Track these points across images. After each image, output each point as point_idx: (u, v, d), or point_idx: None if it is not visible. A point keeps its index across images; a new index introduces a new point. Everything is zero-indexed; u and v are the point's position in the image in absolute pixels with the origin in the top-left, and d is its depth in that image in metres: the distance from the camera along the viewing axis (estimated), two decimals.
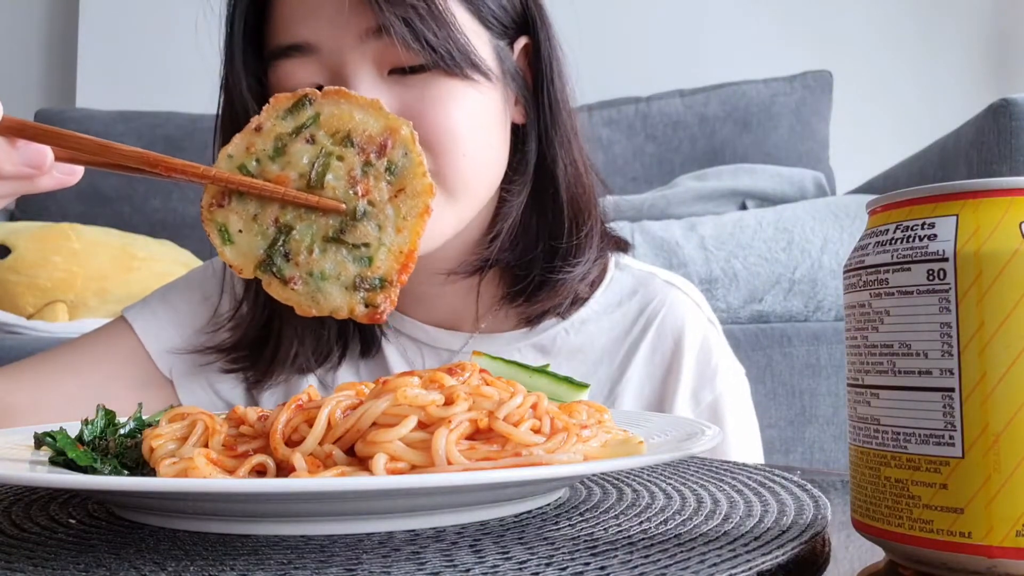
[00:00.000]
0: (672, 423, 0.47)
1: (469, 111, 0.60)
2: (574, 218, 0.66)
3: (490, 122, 0.62)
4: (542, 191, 0.66)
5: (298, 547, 0.31)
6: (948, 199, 0.29)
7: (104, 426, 0.43)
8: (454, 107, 0.59)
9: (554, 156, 0.66)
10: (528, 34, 0.66)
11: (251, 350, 0.68)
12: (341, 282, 0.41)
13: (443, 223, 0.60)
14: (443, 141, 0.58)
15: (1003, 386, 0.27)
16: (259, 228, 0.42)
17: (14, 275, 1.32)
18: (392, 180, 0.42)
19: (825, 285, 1.21)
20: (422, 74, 0.59)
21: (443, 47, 0.58)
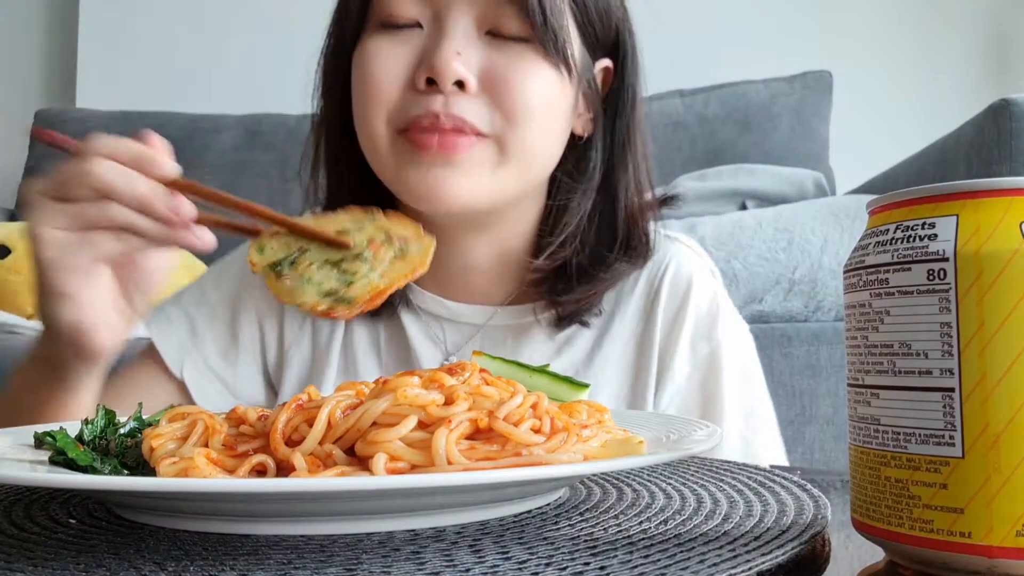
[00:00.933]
0: (672, 423, 0.47)
1: (547, 92, 0.63)
2: (627, 236, 0.70)
3: (559, 112, 0.65)
4: (603, 205, 0.70)
5: (298, 547, 0.31)
6: (948, 199, 0.29)
7: (104, 426, 0.43)
8: (538, 83, 0.62)
9: (619, 176, 0.70)
10: (612, 57, 0.70)
11: None
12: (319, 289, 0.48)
13: (489, 184, 0.63)
14: (518, 109, 0.62)
15: (1003, 386, 0.27)
16: (285, 248, 0.51)
17: (14, 275, 1.32)
18: (398, 253, 0.50)
19: (825, 285, 1.21)
20: (515, 44, 0.62)
21: (552, 27, 0.61)
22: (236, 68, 2.28)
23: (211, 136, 1.98)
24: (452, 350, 0.72)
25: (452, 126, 0.60)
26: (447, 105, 0.60)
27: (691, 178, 1.65)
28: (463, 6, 0.62)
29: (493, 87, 0.61)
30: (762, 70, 1.98)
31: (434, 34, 0.62)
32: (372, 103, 0.63)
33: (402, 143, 0.62)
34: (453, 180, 0.61)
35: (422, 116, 0.61)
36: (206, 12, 2.32)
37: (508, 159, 0.63)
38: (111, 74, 2.32)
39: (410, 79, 0.62)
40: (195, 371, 0.72)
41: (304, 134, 0.74)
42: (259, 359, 0.76)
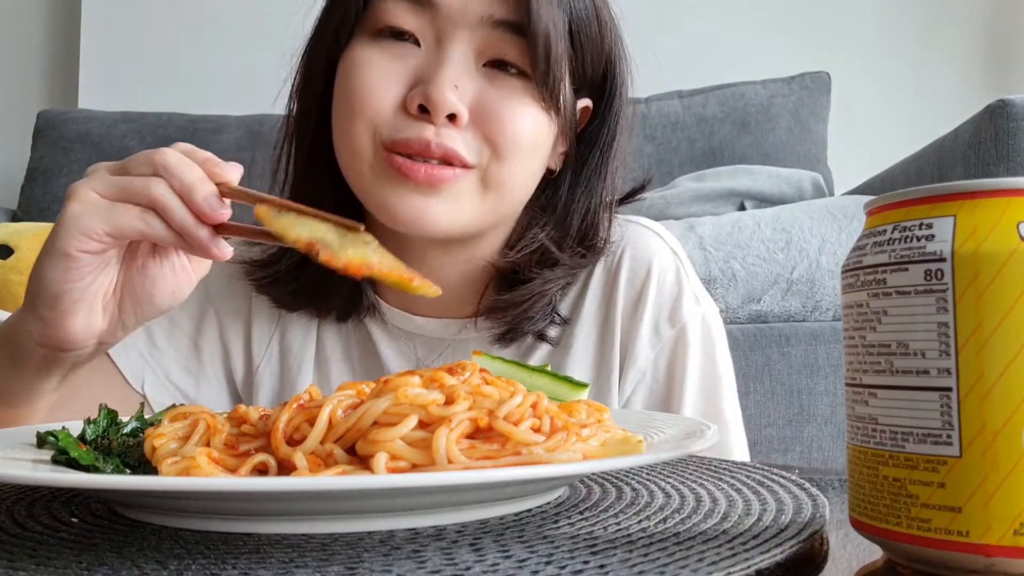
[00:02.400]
0: (672, 422, 0.47)
1: (535, 131, 0.63)
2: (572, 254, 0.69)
3: (542, 150, 0.66)
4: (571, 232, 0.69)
5: (299, 545, 0.31)
6: (946, 199, 0.29)
7: (106, 425, 0.43)
8: (527, 121, 0.62)
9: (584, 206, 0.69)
10: (594, 96, 0.70)
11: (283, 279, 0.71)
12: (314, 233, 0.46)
13: (469, 213, 0.63)
14: (506, 145, 0.62)
15: (1001, 385, 0.27)
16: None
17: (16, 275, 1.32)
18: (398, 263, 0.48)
19: (823, 285, 1.21)
20: (512, 79, 0.62)
21: (552, 72, 0.61)
22: (237, 69, 2.29)
23: (212, 136, 1.98)
24: (423, 363, 0.72)
25: (441, 154, 0.60)
26: (438, 135, 0.60)
27: (690, 178, 1.65)
28: (466, 34, 0.61)
29: (484, 121, 0.61)
30: (760, 71, 1.99)
31: (433, 58, 0.61)
32: (359, 116, 0.62)
33: (386, 166, 0.62)
34: (435, 208, 0.61)
35: (413, 140, 0.60)
36: (208, 13, 2.32)
37: (488, 191, 0.63)
38: (113, 75, 2.32)
39: (402, 100, 0.61)
40: (156, 385, 0.70)
41: None
42: (223, 378, 0.74)
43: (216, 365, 0.74)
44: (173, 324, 0.73)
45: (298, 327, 0.73)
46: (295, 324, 0.73)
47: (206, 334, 0.73)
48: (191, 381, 0.72)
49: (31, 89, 2.43)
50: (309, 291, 0.71)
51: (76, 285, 0.51)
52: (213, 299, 0.74)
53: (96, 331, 0.53)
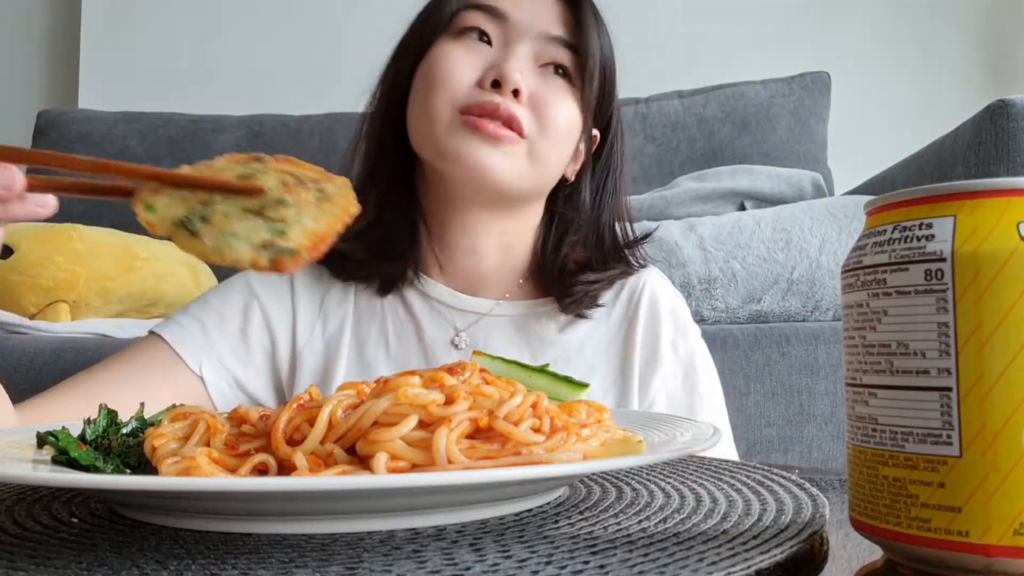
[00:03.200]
0: (671, 422, 0.47)
1: (571, 120, 0.79)
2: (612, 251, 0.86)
3: (572, 140, 0.81)
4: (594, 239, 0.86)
5: (299, 545, 0.31)
6: (946, 200, 0.29)
7: (106, 425, 0.43)
8: (567, 112, 0.79)
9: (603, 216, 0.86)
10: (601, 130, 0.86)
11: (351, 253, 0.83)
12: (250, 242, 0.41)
13: (516, 173, 0.77)
14: (550, 125, 0.77)
15: (1000, 385, 0.27)
16: (181, 202, 0.43)
17: (16, 275, 1.32)
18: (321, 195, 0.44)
19: (823, 285, 1.21)
20: (559, 79, 0.78)
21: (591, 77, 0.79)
22: (238, 69, 2.29)
23: (213, 136, 1.98)
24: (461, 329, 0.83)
25: (506, 117, 0.75)
26: (505, 103, 0.75)
27: (690, 178, 1.65)
28: (528, 40, 0.78)
29: (537, 105, 0.77)
30: (761, 71, 1.98)
31: (502, 53, 0.77)
32: (441, 91, 0.76)
33: (459, 122, 0.75)
34: (497, 159, 0.75)
35: (486, 103, 0.75)
36: (208, 13, 2.32)
37: (533, 160, 0.77)
38: (113, 75, 2.32)
39: (477, 79, 0.76)
40: (211, 367, 0.79)
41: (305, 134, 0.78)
42: (268, 363, 0.82)
43: (262, 352, 0.82)
44: (222, 317, 0.81)
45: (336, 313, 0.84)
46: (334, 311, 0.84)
47: (253, 325, 0.82)
48: (239, 365, 0.81)
49: (31, 89, 2.43)
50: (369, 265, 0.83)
51: None
52: (258, 294, 0.83)
53: None
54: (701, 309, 1.23)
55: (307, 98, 2.04)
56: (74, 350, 1.11)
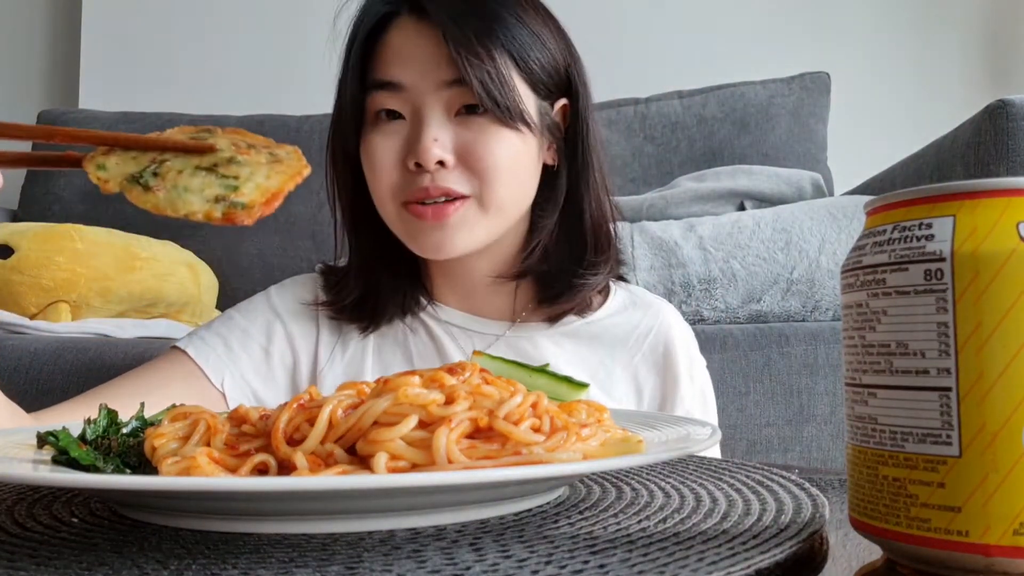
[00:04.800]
0: (671, 422, 0.47)
1: (511, 152, 0.77)
2: (595, 242, 0.84)
3: (525, 162, 0.79)
4: (570, 220, 0.84)
5: (300, 545, 0.31)
6: (945, 199, 0.29)
7: (106, 425, 0.43)
8: (499, 147, 0.76)
9: (581, 194, 0.83)
10: (567, 97, 0.83)
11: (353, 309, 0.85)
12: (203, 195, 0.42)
13: (477, 232, 0.78)
14: (488, 171, 0.76)
15: (1000, 385, 0.27)
16: (134, 162, 0.43)
17: (17, 275, 1.32)
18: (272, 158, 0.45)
19: (823, 285, 1.21)
20: (480, 118, 0.76)
21: (503, 103, 0.75)
22: (238, 69, 2.28)
23: None
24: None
25: (440, 193, 0.75)
26: (434, 180, 0.75)
27: (690, 178, 1.65)
28: (432, 98, 0.76)
29: (467, 159, 0.76)
30: (760, 71, 1.98)
31: (415, 125, 0.77)
32: (379, 185, 0.78)
33: (406, 214, 0.78)
34: (450, 237, 0.77)
35: (416, 191, 0.76)
36: (208, 14, 2.32)
37: (487, 210, 0.77)
38: (114, 75, 2.32)
39: (403, 163, 0.77)
40: (233, 383, 0.81)
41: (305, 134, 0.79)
42: (289, 381, 0.84)
43: (284, 371, 0.84)
44: (246, 335, 0.84)
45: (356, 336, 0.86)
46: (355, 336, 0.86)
47: (276, 344, 0.85)
48: (260, 382, 0.83)
49: (32, 89, 2.43)
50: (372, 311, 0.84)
51: None
52: (282, 316, 0.86)
53: None
54: (701, 309, 1.23)
55: (307, 98, 2.04)
56: (75, 350, 1.11)
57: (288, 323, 0.86)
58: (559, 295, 0.83)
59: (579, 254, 0.84)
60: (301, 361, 0.85)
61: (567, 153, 0.84)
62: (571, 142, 0.84)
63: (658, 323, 0.87)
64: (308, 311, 0.87)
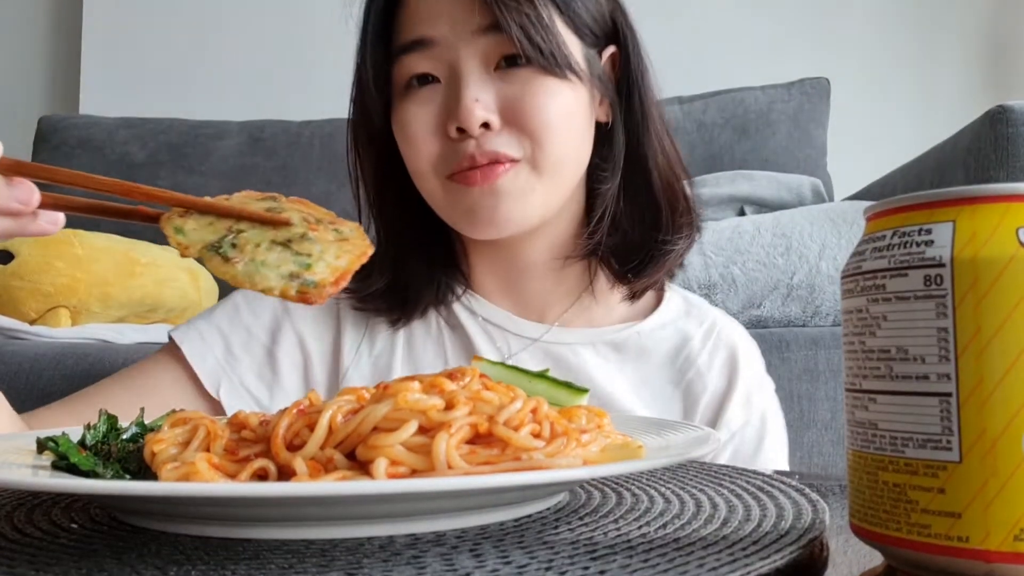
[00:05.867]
0: (671, 428, 0.47)
1: (561, 104, 0.69)
2: (670, 203, 0.76)
3: (577, 116, 0.71)
4: (636, 181, 0.75)
5: (299, 551, 0.31)
6: (945, 205, 0.29)
7: (106, 431, 0.43)
8: (549, 100, 0.68)
9: (644, 150, 0.75)
10: (616, 43, 0.76)
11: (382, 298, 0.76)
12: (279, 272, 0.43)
13: (533, 201, 0.70)
14: (538, 128, 0.68)
15: (1000, 391, 0.27)
16: (210, 228, 0.45)
17: (17, 280, 1.32)
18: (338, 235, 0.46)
19: (823, 290, 1.21)
20: (523, 70, 0.68)
21: (547, 48, 0.67)
22: (239, 74, 2.29)
23: (213, 142, 1.98)
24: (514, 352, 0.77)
25: (488, 161, 0.67)
26: (479, 145, 0.68)
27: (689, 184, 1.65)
28: (468, 53, 0.68)
29: (514, 117, 0.68)
30: (760, 77, 1.99)
31: (452, 86, 0.69)
32: (419, 160, 0.71)
33: (452, 186, 0.70)
34: (503, 207, 0.69)
35: (461, 160, 0.68)
36: (209, 19, 2.33)
37: (542, 174, 0.69)
38: (114, 80, 2.32)
39: (443, 132, 0.69)
40: (231, 391, 0.74)
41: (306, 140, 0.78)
42: (302, 386, 0.77)
43: (295, 374, 0.76)
44: (249, 335, 0.76)
45: (386, 332, 0.77)
46: (383, 330, 0.78)
47: (283, 345, 0.76)
48: (264, 388, 0.75)
49: (32, 95, 2.43)
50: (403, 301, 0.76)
51: None
52: (291, 312, 0.77)
53: None
54: None
55: (308, 104, 2.04)
56: (74, 356, 1.11)
57: (298, 320, 0.77)
58: (643, 267, 0.75)
59: (654, 218, 0.75)
60: (314, 363, 0.77)
61: (622, 107, 0.75)
62: (625, 94, 0.75)
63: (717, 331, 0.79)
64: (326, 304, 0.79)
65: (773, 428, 0.78)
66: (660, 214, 0.75)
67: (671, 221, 0.75)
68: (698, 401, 0.75)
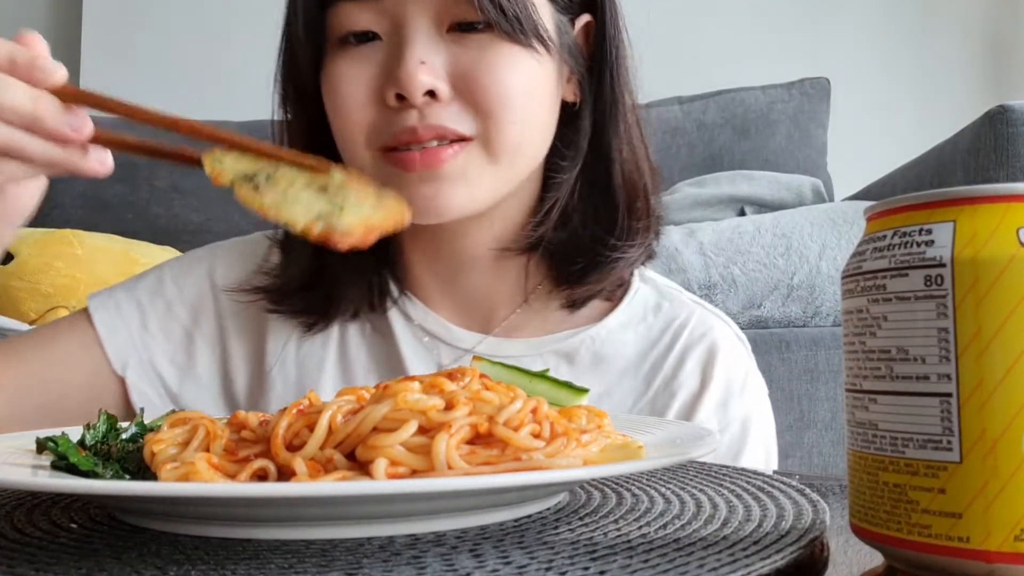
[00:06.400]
0: (671, 428, 0.47)
1: (524, 78, 0.59)
2: (628, 203, 0.66)
3: (542, 93, 0.61)
4: (596, 172, 0.66)
5: (299, 551, 0.31)
6: (945, 205, 0.29)
7: (106, 431, 0.43)
8: (510, 72, 0.58)
9: (609, 138, 0.65)
10: (591, 13, 0.66)
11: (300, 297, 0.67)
12: (308, 208, 0.43)
13: (482, 187, 0.60)
14: (495, 105, 0.58)
15: (1000, 391, 0.27)
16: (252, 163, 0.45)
17: (16, 281, 1.32)
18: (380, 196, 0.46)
19: (823, 291, 1.21)
20: (481, 35, 0.58)
21: (511, 10, 0.57)
22: (238, 74, 2.29)
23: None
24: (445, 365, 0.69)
25: (431, 136, 0.57)
26: (423, 117, 0.57)
27: (690, 184, 1.65)
28: (418, 8, 0.58)
29: (466, 88, 0.58)
30: (760, 77, 1.99)
31: (394, 44, 0.59)
32: (348, 127, 0.60)
33: (386, 163, 0.59)
34: (446, 192, 0.59)
35: (400, 132, 0.58)
36: (209, 18, 2.33)
37: (497, 157, 0.59)
38: (114, 80, 2.32)
39: (380, 97, 0.59)
40: (138, 372, 0.67)
41: None
42: (216, 379, 0.69)
43: (210, 365, 0.69)
44: (169, 311, 0.69)
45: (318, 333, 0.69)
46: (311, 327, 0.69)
47: (203, 328, 0.69)
48: (175, 373, 0.68)
49: None
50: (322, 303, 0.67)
51: None
52: (218, 295, 0.69)
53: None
54: None
55: None
56: None
57: (222, 302, 0.69)
58: (584, 273, 0.65)
59: (609, 218, 0.65)
60: (234, 358, 0.68)
61: (591, 86, 0.65)
62: (596, 71, 0.65)
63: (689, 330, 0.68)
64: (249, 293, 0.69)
65: (757, 436, 0.68)
66: (616, 213, 0.65)
67: (626, 224, 0.65)
68: (667, 411, 0.66)
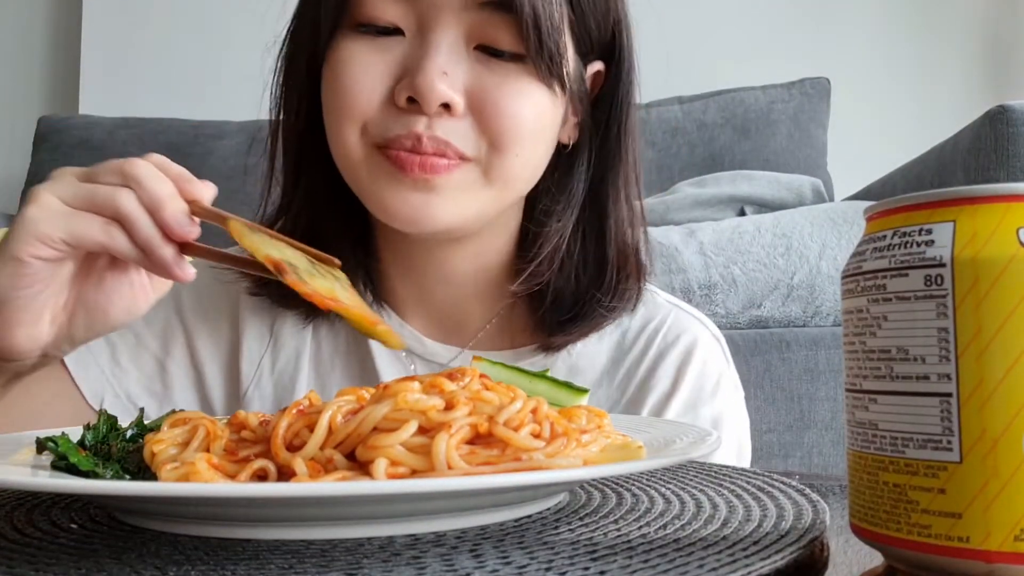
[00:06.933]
0: (671, 428, 0.47)
1: (537, 114, 0.59)
2: (620, 261, 0.66)
3: (548, 132, 0.61)
4: (591, 225, 0.66)
5: (299, 551, 0.31)
6: (945, 205, 0.29)
7: (106, 431, 0.43)
8: (526, 105, 0.58)
9: (607, 191, 0.65)
10: (605, 61, 0.65)
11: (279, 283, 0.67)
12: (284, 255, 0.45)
13: (473, 206, 0.59)
14: (505, 134, 0.58)
15: (1000, 391, 0.27)
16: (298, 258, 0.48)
17: None
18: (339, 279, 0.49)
19: (823, 291, 1.21)
20: (507, 64, 0.58)
21: (548, 48, 0.56)
22: (238, 74, 2.28)
23: (213, 142, 1.98)
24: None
25: (434, 149, 0.56)
26: (431, 127, 0.56)
27: (690, 184, 1.65)
28: (451, 17, 0.56)
29: (481, 109, 0.57)
30: (760, 77, 1.99)
31: (418, 46, 0.57)
32: (346, 115, 0.58)
33: (379, 159, 0.58)
34: (434, 204, 0.58)
35: (403, 136, 0.57)
36: (208, 19, 2.33)
37: (491, 183, 0.59)
38: (114, 80, 2.33)
39: (390, 93, 0.57)
40: (115, 406, 0.66)
41: None
42: (194, 402, 0.70)
43: (185, 391, 0.69)
44: (139, 343, 0.69)
45: (291, 344, 0.69)
46: (287, 342, 0.69)
47: (174, 355, 0.69)
48: (154, 403, 0.68)
49: (32, 95, 2.43)
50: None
51: (24, 292, 0.48)
52: (185, 316, 0.69)
53: (41, 342, 0.50)
54: None
55: None
56: None
57: (192, 325, 0.69)
58: (573, 321, 0.65)
59: (599, 271, 0.65)
60: (209, 377, 0.69)
61: (593, 134, 0.65)
62: (600, 120, 0.65)
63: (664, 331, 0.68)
64: (222, 313, 0.69)
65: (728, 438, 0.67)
66: (606, 268, 0.65)
67: (614, 282, 0.65)
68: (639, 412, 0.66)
